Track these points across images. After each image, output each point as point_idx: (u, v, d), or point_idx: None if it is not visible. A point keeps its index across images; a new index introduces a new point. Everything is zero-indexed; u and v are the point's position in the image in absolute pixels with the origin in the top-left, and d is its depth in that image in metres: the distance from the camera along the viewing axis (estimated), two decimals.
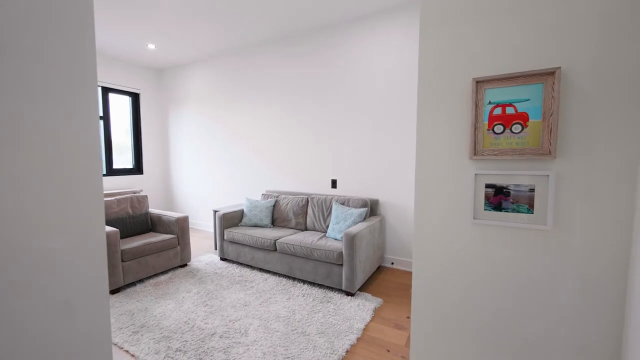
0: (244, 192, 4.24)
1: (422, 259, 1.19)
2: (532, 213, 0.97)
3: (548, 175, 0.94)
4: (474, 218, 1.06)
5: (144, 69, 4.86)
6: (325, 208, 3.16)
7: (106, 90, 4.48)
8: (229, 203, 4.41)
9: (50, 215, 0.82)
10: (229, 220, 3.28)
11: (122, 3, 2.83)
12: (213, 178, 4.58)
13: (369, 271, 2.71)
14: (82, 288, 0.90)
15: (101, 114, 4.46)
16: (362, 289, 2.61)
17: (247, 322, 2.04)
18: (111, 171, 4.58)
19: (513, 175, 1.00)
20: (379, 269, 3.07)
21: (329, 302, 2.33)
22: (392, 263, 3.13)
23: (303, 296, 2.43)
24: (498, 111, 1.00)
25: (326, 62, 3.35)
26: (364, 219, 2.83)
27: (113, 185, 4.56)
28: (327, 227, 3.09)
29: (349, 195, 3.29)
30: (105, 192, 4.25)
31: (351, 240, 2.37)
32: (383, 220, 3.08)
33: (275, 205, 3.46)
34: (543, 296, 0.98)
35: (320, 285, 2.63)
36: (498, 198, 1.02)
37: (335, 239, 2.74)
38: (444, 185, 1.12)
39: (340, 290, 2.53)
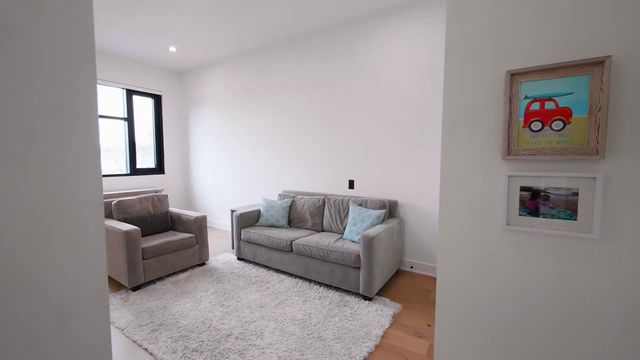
0: (261, 192, 4.25)
1: (447, 267, 1.10)
2: (576, 220, 0.87)
3: (595, 178, 0.84)
4: (506, 224, 0.97)
5: (165, 71, 4.99)
6: (342, 209, 3.10)
7: (130, 93, 4.64)
8: (247, 203, 4.45)
9: (47, 218, 0.81)
10: (246, 220, 3.29)
11: (145, 8, 2.90)
12: (231, 177, 4.63)
13: (387, 275, 2.62)
14: (80, 296, 0.88)
15: (126, 115, 4.62)
16: (380, 293, 2.53)
17: (262, 324, 2.02)
18: (134, 171, 4.74)
19: (553, 177, 0.90)
20: (398, 273, 2.97)
21: (345, 306, 2.27)
22: (412, 267, 3.03)
23: (319, 299, 2.38)
24: (536, 106, 0.91)
25: (344, 60, 3.28)
26: (382, 221, 2.75)
27: (136, 184, 4.71)
28: (344, 228, 3.03)
29: (367, 196, 3.21)
30: (128, 191, 4.39)
31: (369, 243, 2.30)
32: (402, 222, 2.97)
33: (291, 206, 3.44)
34: (586, 314, 0.88)
35: (337, 288, 2.58)
36: (535, 202, 0.93)
37: (353, 241, 2.68)
38: (473, 188, 1.03)
39: (357, 294, 2.46)
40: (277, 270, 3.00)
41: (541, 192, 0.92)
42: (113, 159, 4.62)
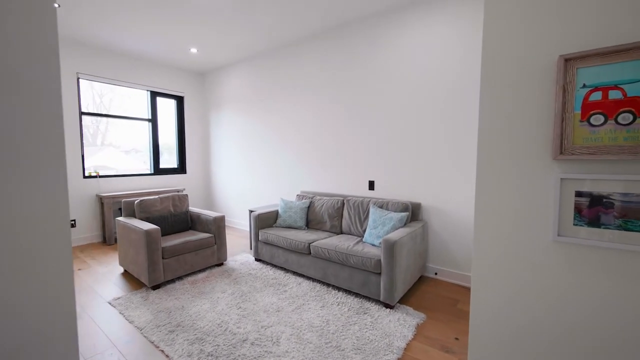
0: (280, 192, 4.22)
1: (483, 281, 0.98)
2: None
3: None
4: (557, 235, 0.83)
5: (187, 72, 5.08)
6: (362, 211, 2.98)
7: (154, 95, 4.76)
8: (266, 203, 4.43)
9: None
10: (264, 221, 3.25)
11: (166, 10, 2.93)
12: (250, 177, 4.63)
13: (410, 282, 2.48)
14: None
15: (150, 116, 4.75)
16: (403, 301, 2.39)
17: (279, 330, 1.95)
18: (158, 170, 4.86)
19: (619, 180, 0.75)
20: (421, 279, 2.82)
21: (365, 313, 2.16)
22: (436, 273, 2.86)
23: (338, 305, 2.29)
24: (597, 96, 0.77)
25: (365, 58, 3.17)
26: (405, 225, 2.61)
27: (159, 183, 4.83)
28: (364, 231, 2.91)
29: (388, 198, 3.07)
30: (151, 190, 4.51)
31: (391, 248, 2.18)
32: (426, 226, 2.81)
33: (309, 207, 3.36)
34: None
35: (356, 294, 2.47)
36: (595, 210, 0.78)
37: (373, 245, 2.56)
38: (515, 193, 0.90)
39: (377, 301, 2.34)
40: (294, 273, 2.93)
41: (603, 199, 0.77)
42: (142, 159, 4.77)
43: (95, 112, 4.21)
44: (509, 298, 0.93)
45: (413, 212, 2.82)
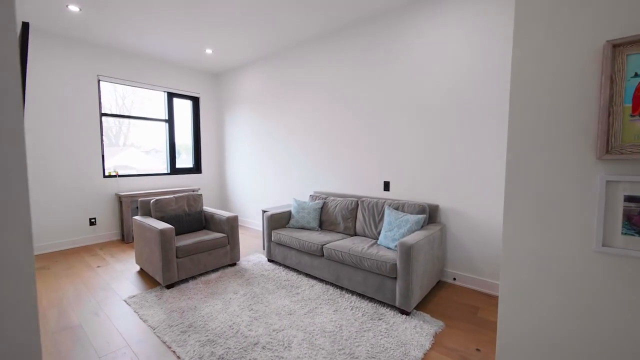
0: (293, 192, 4.19)
1: (513, 295, 0.89)
2: None
3: None
4: (602, 245, 0.73)
5: (202, 73, 5.15)
6: (376, 212, 2.90)
7: (171, 96, 4.85)
8: (280, 203, 4.41)
9: None
10: (277, 221, 3.22)
11: (181, 12, 2.96)
12: (264, 177, 4.63)
13: (427, 287, 2.38)
14: None
15: (166, 117, 4.84)
16: (419, 307, 2.29)
17: (290, 334, 1.91)
18: (174, 170, 4.95)
19: None
20: (439, 285, 2.70)
21: (380, 319, 2.08)
22: (455, 279, 2.73)
23: (351, 309, 2.22)
24: None
25: (379, 55, 3.08)
26: (422, 227, 2.50)
27: (175, 183, 4.91)
28: (379, 233, 2.82)
29: (404, 199, 2.97)
30: (167, 189, 4.59)
31: (407, 252, 2.08)
32: (444, 229, 2.70)
33: (323, 208, 3.31)
34: None
35: (371, 299, 2.39)
36: None
37: (388, 248, 2.47)
38: (552, 197, 0.80)
39: (393, 307, 2.26)
40: (307, 275, 2.89)
41: None
42: (161, 160, 4.88)
43: (118, 113, 4.33)
44: (543, 314, 0.84)
45: (430, 215, 2.71)
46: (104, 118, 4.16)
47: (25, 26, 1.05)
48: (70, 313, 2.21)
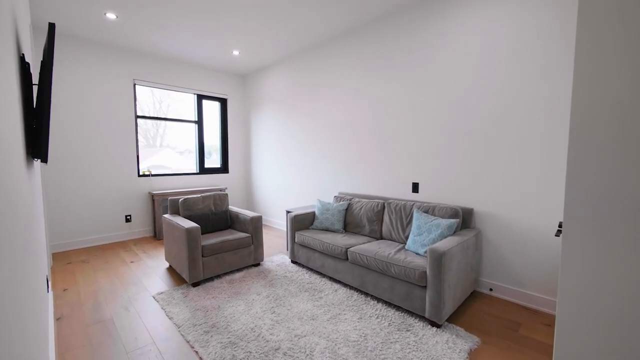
0: (317, 193, 4.13)
1: (574, 318, 0.74)
2: None
3: None
4: None
5: (229, 75, 5.25)
6: (404, 215, 2.75)
7: (200, 98, 4.99)
8: (305, 203, 4.37)
9: None
10: (300, 222, 3.18)
11: (208, 15, 3.00)
12: (288, 177, 4.62)
13: (460, 298, 2.20)
14: None
15: (196, 118, 5.00)
16: (452, 319, 2.12)
17: (313, 341, 1.84)
18: (203, 170, 5.10)
19: None
20: (473, 296, 2.50)
21: (408, 330, 1.95)
22: (491, 289, 2.51)
23: (377, 318, 2.10)
24: None
25: (406, 49, 2.92)
26: (454, 233, 2.32)
27: (204, 182, 5.05)
28: (407, 237, 2.67)
29: (434, 202, 2.78)
30: (196, 188, 4.73)
31: (438, 259, 1.93)
32: (479, 235, 2.49)
33: (347, 209, 3.21)
34: None
35: (398, 308, 2.26)
36: None
37: (417, 254, 2.32)
38: (623, 203, 0.66)
39: (422, 318, 2.11)
40: (330, 279, 2.81)
41: None
42: (192, 160, 5.07)
43: (153, 116, 4.55)
44: (609, 338, 0.69)
45: (464, 219, 2.52)
46: (141, 120, 4.39)
47: (52, 27, 1.07)
48: (104, 307, 2.31)
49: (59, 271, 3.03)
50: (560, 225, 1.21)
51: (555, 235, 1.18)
